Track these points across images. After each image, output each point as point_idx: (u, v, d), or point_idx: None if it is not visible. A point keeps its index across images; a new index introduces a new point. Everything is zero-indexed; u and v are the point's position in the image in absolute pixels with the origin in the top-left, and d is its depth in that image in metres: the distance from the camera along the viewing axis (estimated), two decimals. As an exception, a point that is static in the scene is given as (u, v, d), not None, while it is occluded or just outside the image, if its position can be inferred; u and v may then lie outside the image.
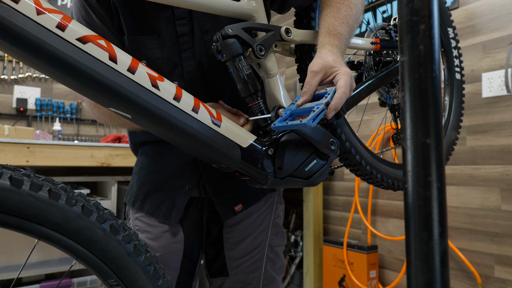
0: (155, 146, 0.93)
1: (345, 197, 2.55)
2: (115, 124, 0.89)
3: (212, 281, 1.00)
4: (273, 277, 0.98)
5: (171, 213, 0.90)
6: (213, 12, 0.76)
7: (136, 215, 0.94)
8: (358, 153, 0.88)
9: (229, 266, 0.96)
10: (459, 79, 1.18)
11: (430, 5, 0.40)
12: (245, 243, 0.95)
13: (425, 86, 0.40)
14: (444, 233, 0.39)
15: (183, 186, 0.90)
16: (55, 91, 2.78)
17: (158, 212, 0.90)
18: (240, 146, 0.71)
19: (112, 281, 0.57)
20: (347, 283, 2.25)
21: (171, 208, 0.90)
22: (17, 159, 1.64)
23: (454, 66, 1.17)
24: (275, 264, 0.99)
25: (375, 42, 0.93)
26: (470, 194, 1.85)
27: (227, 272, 0.96)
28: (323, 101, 0.67)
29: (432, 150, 0.40)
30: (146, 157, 0.95)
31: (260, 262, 0.96)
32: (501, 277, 1.72)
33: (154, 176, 0.92)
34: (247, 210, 0.94)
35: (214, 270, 0.99)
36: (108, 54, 0.57)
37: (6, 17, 0.49)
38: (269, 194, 0.98)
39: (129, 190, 0.97)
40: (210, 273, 1.00)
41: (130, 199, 0.95)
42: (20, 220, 0.50)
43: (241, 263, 0.95)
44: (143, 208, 0.91)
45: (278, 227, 1.00)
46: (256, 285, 0.96)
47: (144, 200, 0.92)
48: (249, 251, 0.95)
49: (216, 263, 0.98)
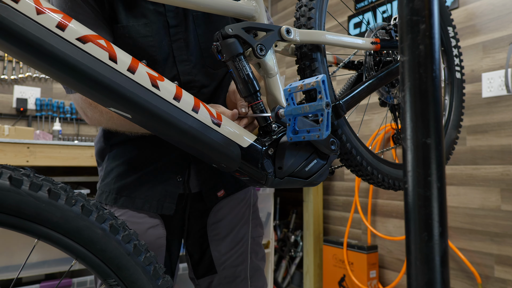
0: (138, 142, 0.92)
1: (345, 197, 2.55)
2: (111, 125, 0.86)
3: (199, 282, 1.01)
4: (258, 266, 1.04)
5: (163, 204, 0.90)
6: (213, 12, 0.76)
7: (118, 213, 0.92)
8: (359, 154, 0.88)
9: (217, 262, 0.98)
10: (460, 78, 1.18)
11: (430, 5, 0.40)
12: (230, 237, 0.99)
13: (425, 86, 0.40)
14: (444, 233, 0.39)
15: (174, 177, 0.91)
16: (55, 91, 2.78)
17: (148, 205, 0.90)
18: (240, 146, 0.71)
19: (112, 281, 0.57)
20: (347, 283, 2.25)
21: (163, 200, 0.90)
22: (17, 159, 1.64)
23: (454, 65, 1.17)
24: (258, 254, 1.04)
25: (375, 42, 0.93)
26: (470, 194, 1.85)
27: (215, 269, 0.99)
28: (323, 102, 0.64)
29: (432, 150, 0.40)
30: (124, 156, 0.93)
31: (246, 254, 1.01)
32: (501, 277, 1.72)
33: (140, 171, 0.91)
34: (229, 205, 0.99)
35: (201, 271, 1.01)
36: (108, 54, 0.57)
37: (6, 16, 0.49)
38: (247, 188, 1.03)
39: (103, 189, 0.94)
40: (197, 275, 1.02)
41: (108, 197, 0.92)
42: (20, 220, 0.50)
43: (228, 257, 0.99)
44: (131, 204, 0.90)
45: (257, 218, 1.05)
46: (244, 276, 1.00)
47: (131, 195, 0.90)
48: (234, 244, 0.99)
49: (203, 263, 1.00)
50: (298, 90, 0.66)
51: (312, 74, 0.82)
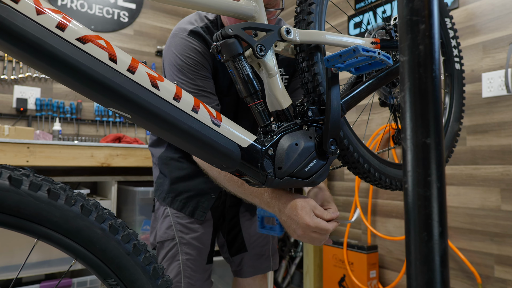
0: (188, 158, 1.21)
1: (345, 197, 2.55)
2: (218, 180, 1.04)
3: (233, 259, 1.32)
4: (275, 248, 1.38)
5: (194, 211, 1.19)
6: (213, 12, 0.76)
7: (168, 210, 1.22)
8: (366, 162, 0.89)
9: (247, 242, 1.30)
10: (459, 69, 1.17)
11: (430, 5, 0.40)
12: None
13: (425, 86, 0.40)
14: (444, 233, 0.39)
15: (209, 193, 1.20)
16: (55, 91, 2.77)
17: (186, 209, 1.19)
18: (240, 146, 0.70)
19: (112, 281, 0.57)
20: (347, 283, 2.25)
21: (195, 208, 1.19)
22: (17, 159, 1.64)
23: (453, 56, 1.17)
24: (275, 238, 1.39)
25: (375, 42, 0.93)
26: (470, 194, 1.85)
27: (246, 248, 1.30)
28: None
29: (432, 150, 0.40)
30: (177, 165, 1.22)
31: (268, 237, 1.34)
32: (501, 277, 1.72)
33: (184, 182, 1.20)
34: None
35: (235, 250, 1.31)
36: (108, 54, 0.57)
37: (6, 17, 0.49)
38: None
39: (158, 188, 1.25)
40: (231, 253, 1.32)
41: (160, 195, 1.24)
42: (19, 220, 0.50)
43: (256, 238, 1.31)
44: (173, 204, 1.20)
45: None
46: (268, 255, 1.33)
47: (175, 198, 1.20)
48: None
49: (236, 243, 1.31)
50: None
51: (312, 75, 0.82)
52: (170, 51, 1.09)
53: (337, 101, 0.78)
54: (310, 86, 0.82)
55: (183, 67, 1.05)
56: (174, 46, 1.08)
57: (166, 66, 1.11)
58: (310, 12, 0.83)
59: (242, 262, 1.31)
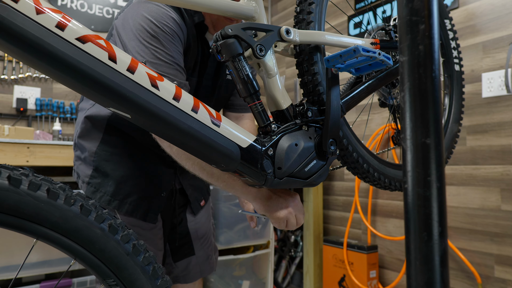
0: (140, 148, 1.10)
1: (345, 197, 2.55)
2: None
3: (177, 265, 1.25)
4: (216, 247, 1.41)
5: (147, 214, 1.09)
6: (213, 12, 0.76)
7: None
8: (365, 162, 0.89)
9: (195, 246, 1.27)
10: (458, 71, 1.17)
11: (430, 5, 0.40)
12: (204, 226, 1.30)
13: (425, 86, 0.40)
14: (444, 233, 0.39)
15: (160, 192, 1.12)
16: (55, 91, 2.77)
17: (136, 213, 1.07)
18: (239, 146, 0.70)
19: (111, 281, 0.57)
20: (347, 283, 2.25)
21: (147, 210, 1.09)
22: (17, 159, 1.64)
23: (452, 57, 1.17)
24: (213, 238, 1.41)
25: (375, 42, 0.93)
26: (470, 194, 1.85)
27: (194, 251, 1.26)
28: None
29: (432, 150, 0.40)
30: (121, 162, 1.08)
31: (212, 239, 1.36)
32: (501, 277, 1.72)
33: (133, 181, 1.07)
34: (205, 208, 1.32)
35: (181, 254, 1.25)
36: (107, 54, 0.57)
37: (6, 16, 0.49)
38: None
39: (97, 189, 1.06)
40: (175, 258, 1.25)
41: (102, 198, 1.05)
42: (19, 220, 0.50)
43: (203, 241, 1.29)
44: (121, 208, 1.06)
45: (212, 216, 1.42)
46: (211, 254, 1.34)
47: (123, 201, 1.06)
48: (205, 231, 1.30)
49: (183, 248, 1.25)
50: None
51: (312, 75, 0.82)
52: (139, 15, 0.90)
53: (337, 102, 0.78)
54: (310, 86, 0.82)
55: (159, 34, 0.89)
56: (148, 11, 0.91)
57: (129, 32, 0.91)
58: (310, 11, 0.83)
59: (188, 267, 1.25)
